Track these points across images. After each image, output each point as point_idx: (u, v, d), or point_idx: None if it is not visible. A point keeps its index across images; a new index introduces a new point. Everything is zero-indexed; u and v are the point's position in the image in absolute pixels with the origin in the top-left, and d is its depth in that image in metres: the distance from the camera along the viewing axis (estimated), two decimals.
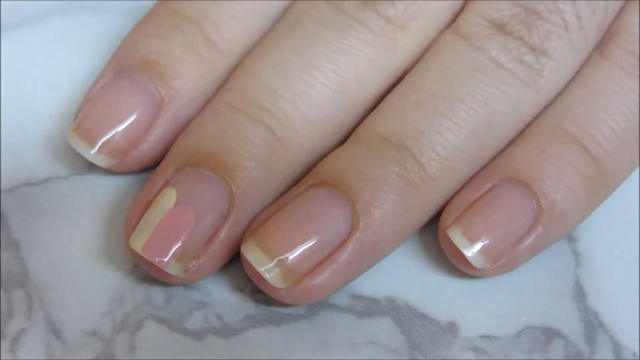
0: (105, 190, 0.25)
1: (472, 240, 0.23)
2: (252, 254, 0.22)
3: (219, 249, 0.23)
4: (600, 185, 0.24)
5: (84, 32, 0.28)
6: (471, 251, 0.23)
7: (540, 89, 0.25)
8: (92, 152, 0.24)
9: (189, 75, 0.25)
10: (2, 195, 0.25)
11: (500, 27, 0.25)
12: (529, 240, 0.24)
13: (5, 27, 0.28)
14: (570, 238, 0.26)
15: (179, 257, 0.22)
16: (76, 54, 0.28)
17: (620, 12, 0.26)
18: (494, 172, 0.24)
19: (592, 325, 0.24)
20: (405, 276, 0.25)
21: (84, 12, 0.29)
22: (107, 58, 0.26)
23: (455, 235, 0.23)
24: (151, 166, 0.25)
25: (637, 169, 0.26)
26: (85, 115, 0.24)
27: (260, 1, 0.26)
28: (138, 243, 0.22)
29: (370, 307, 0.24)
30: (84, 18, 0.29)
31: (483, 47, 0.25)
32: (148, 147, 0.25)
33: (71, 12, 0.29)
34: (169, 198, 0.23)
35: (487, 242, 0.23)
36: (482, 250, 0.23)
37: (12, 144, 0.26)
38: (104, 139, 0.24)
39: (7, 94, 0.27)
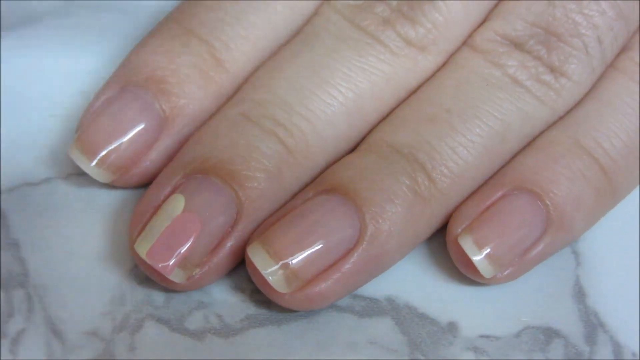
0: (105, 191, 0.25)
1: (483, 249, 0.23)
2: (257, 256, 0.22)
3: (223, 258, 0.23)
4: (608, 197, 0.25)
5: (84, 32, 0.28)
6: (481, 260, 0.23)
7: (557, 108, 0.25)
8: (92, 165, 0.24)
9: (194, 95, 0.24)
10: (2, 195, 0.25)
11: (518, 46, 0.25)
12: (536, 250, 0.24)
13: (5, 27, 0.28)
14: None
15: (182, 264, 0.22)
16: (76, 54, 0.28)
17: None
18: (505, 180, 0.24)
19: (592, 325, 0.24)
20: (405, 276, 0.25)
21: (84, 12, 0.29)
22: (107, 58, 0.26)
23: (467, 244, 0.23)
24: (150, 182, 0.25)
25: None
26: (86, 129, 0.24)
27: (272, 22, 0.25)
28: (143, 248, 0.22)
29: (370, 307, 0.24)
30: (84, 18, 0.29)
31: (500, 63, 0.25)
32: (149, 165, 0.24)
33: (71, 12, 0.29)
34: (177, 204, 0.23)
35: (497, 250, 0.23)
36: (492, 260, 0.23)
37: (12, 144, 0.26)
38: (103, 153, 0.24)
39: (7, 94, 0.27)
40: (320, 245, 0.22)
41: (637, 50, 0.26)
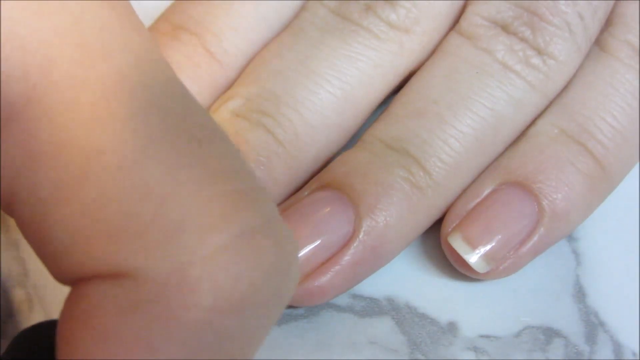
0: None
1: (474, 247, 0.23)
2: None
3: None
4: (602, 182, 0.24)
5: None
6: (473, 257, 0.23)
7: (547, 92, 0.25)
8: None
9: (187, 87, 0.25)
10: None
11: (504, 28, 0.25)
12: (531, 242, 0.24)
13: None
14: (570, 238, 0.26)
15: None
16: None
17: (616, 2, 0.26)
18: (493, 175, 0.24)
19: (592, 325, 0.24)
20: (405, 276, 0.25)
21: None
22: None
23: (457, 242, 0.23)
24: None
25: (638, 166, 0.26)
26: None
27: (261, 15, 0.26)
28: None
29: (370, 307, 0.24)
30: None
31: (489, 49, 0.24)
32: None
33: None
34: None
35: (488, 247, 0.23)
36: (484, 256, 0.23)
37: None
38: None
39: None
40: (318, 241, 0.22)
41: (619, 25, 0.25)
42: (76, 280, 0.14)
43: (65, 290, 0.24)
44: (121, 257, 0.13)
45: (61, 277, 0.14)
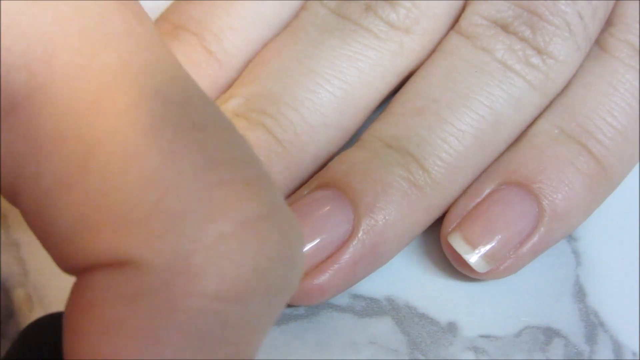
0: None
1: (474, 247, 0.23)
2: None
3: None
4: (602, 182, 0.24)
5: None
6: (473, 257, 0.23)
7: (546, 92, 0.25)
8: None
9: None
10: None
11: (504, 27, 0.25)
12: (531, 242, 0.24)
13: None
14: (570, 238, 0.26)
15: None
16: None
17: (616, 2, 0.26)
18: (493, 175, 0.24)
19: (592, 325, 0.24)
20: (405, 276, 0.25)
21: None
22: None
23: (457, 242, 0.23)
24: None
25: (638, 166, 0.26)
26: None
27: (261, 14, 0.26)
28: None
29: (370, 307, 0.24)
30: None
31: (488, 48, 0.24)
32: None
33: None
34: None
35: (488, 247, 0.23)
36: (484, 256, 0.23)
37: None
38: None
39: None
40: (317, 239, 0.22)
41: (619, 25, 0.25)
42: (81, 270, 0.14)
43: (66, 289, 0.24)
44: (124, 246, 0.13)
45: (66, 267, 0.14)
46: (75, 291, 0.14)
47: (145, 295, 0.13)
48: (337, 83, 0.24)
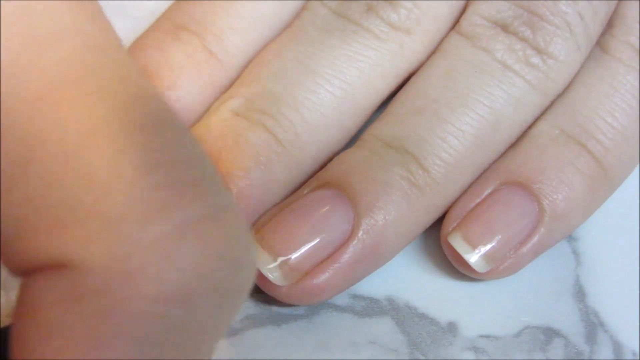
0: None
1: (474, 246, 0.23)
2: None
3: None
4: (602, 182, 0.24)
5: None
6: (473, 257, 0.23)
7: (547, 92, 0.25)
8: None
9: (188, 87, 0.25)
10: None
11: (504, 28, 0.25)
12: (531, 242, 0.24)
13: None
14: (570, 238, 0.26)
15: None
16: None
17: (617, 3, 0.26)
18: (493, 175, 0.24)
19: (592, 325, 0.24)
20: (405, 276, 0.25)
21: None
22: None
23: (457, 242, 0.23)
24: None
25: (638, 167, 0.26)
26: None
27: (261, 14, 0.26)
28: None
29: (370, 307, 0.24)
30: None
31: (488, 48, 0.25)
32: None
33: None
34: None
35: (488, 247, 0.23)
36: (484, 256, 0.23)
37: None
38: None
39: None
40: (317, 239, 0.22)
41: (620, 26, 0.25)
42: (25, 273, 0.13)
43: None
44: (63, 247, 0.13)
45: (12, 268, 0.14)
46: (20, 294, 0.14)
47: (84, 298, 0.13)
48: (338, 83, 0.24)
